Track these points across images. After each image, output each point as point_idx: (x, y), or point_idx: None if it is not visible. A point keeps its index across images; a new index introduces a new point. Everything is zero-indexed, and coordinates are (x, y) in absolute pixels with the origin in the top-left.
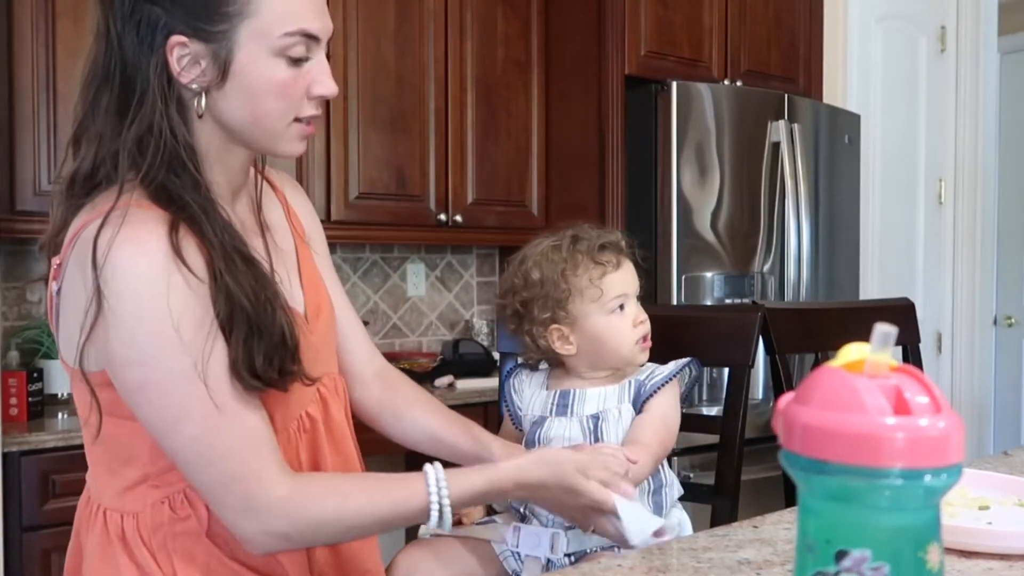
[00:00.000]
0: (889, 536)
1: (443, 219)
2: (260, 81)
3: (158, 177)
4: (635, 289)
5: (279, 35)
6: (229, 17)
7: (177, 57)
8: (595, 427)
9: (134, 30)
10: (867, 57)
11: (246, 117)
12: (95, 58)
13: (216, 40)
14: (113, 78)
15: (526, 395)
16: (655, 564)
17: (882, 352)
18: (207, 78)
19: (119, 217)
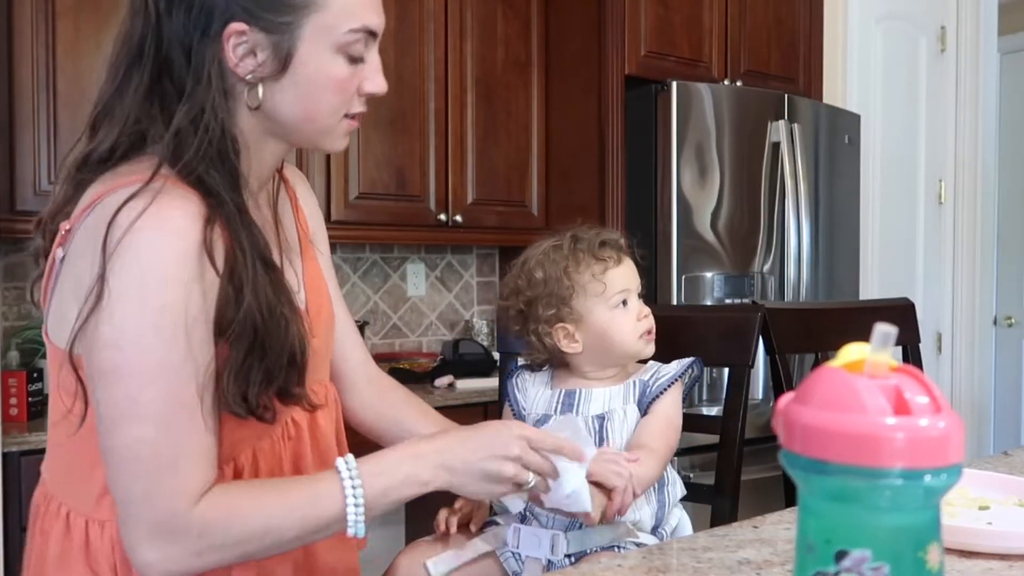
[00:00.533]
0: (889, 536)
1: (443, 219)
2: (319, 77)
3: (198, 169)
4: (637, 286)
5: (344, 31)
6: (295, 9)
7: (233, 45)
8: (600, 427)
9: (184, 12)
10: (867, 57)
11: (298, 112)
12: (128, 36)
13: (279, 31)
14: (148, 59)
15: (530, 393)
16: (655, 564)
17: (882, 352)
18: (264, 70)
19: (151, 193)
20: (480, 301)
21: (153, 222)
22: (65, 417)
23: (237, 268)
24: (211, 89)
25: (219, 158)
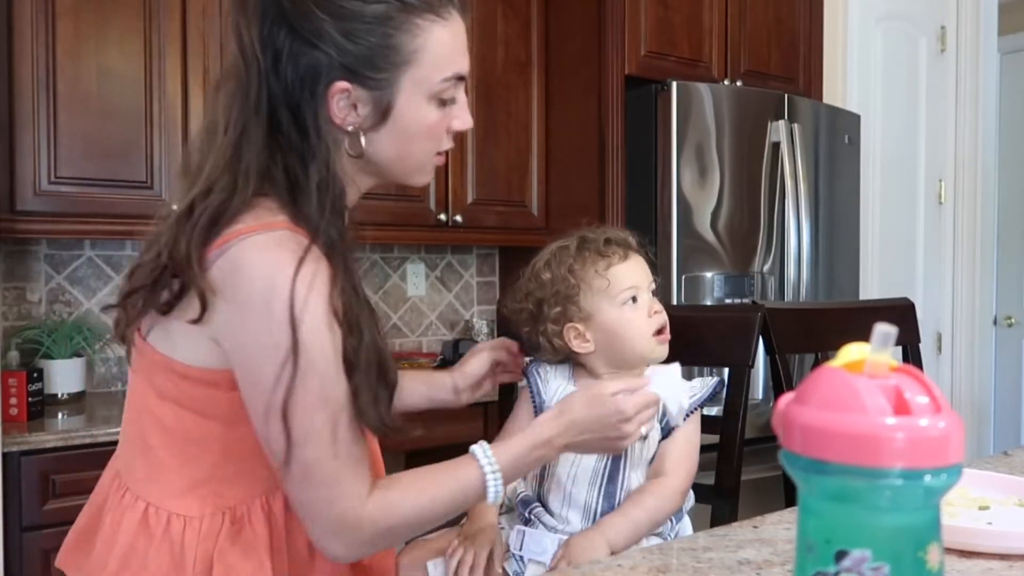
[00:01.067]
0: (889, 536)
1: (443, 219)
2: (414, 124)
3: (315, 217)
4: (648, 283)
5: (437, 81)
6: (394, 66)
7: (337, 101)
8: None
9: (291, 72)
10: (867, 57)
11: (393, 155)
12: (243, 90)
13: (379, 87)
14: (262, 114)
15: (551, 385)
16: (655, 564)
17: (882, 352)
18: (365, 122)
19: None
20: (480, 301)
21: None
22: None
23: (354, 308)
24: (320, 142)
25: (332, 206)
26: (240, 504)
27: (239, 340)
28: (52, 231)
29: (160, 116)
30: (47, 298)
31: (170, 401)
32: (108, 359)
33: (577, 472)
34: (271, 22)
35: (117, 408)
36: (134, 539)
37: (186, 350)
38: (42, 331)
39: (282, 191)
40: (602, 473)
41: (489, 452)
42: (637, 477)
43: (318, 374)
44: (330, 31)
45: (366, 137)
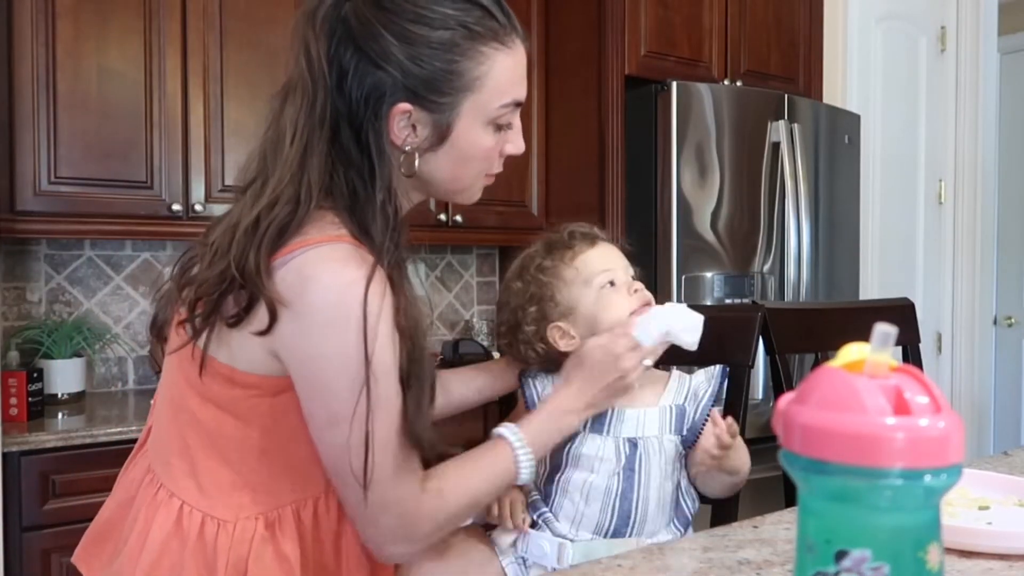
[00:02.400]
0: (889, 536)
1: (443, 219)
2: (470, 148)
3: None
4: (623, 266)
5: (496, 107)
6: (456, 91)
7: (398, 121)
8: (632, 452)
9: (355, 88)
10: (867, 57)
11: (446, 176)
12: (310, 104)
13: (440, 111)
14: (326, 129)
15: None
16: (655, 564)
17: (882, 352)
18: (423, 143)
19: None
20: (480, 301)
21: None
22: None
23: (413, 318)
24: (381, 160)
25: (392, 224)
26: (271, 511)
27: (306, 351)
28: (52, 231)
29: (160, 116)
30: (47, 298)
31: (211, 403)
32: (108, 359)
33: (590, 493)
34: (339, 41)
35: (117, 408)
36: (167, 539)
37: (239, 356)
38: (42, 331)
39: (344, 206)
40: (615, 492)
41: (518, 432)
42: (655, 490)
43: (386, 386)
44: (396, 54)
45: (421, 158)
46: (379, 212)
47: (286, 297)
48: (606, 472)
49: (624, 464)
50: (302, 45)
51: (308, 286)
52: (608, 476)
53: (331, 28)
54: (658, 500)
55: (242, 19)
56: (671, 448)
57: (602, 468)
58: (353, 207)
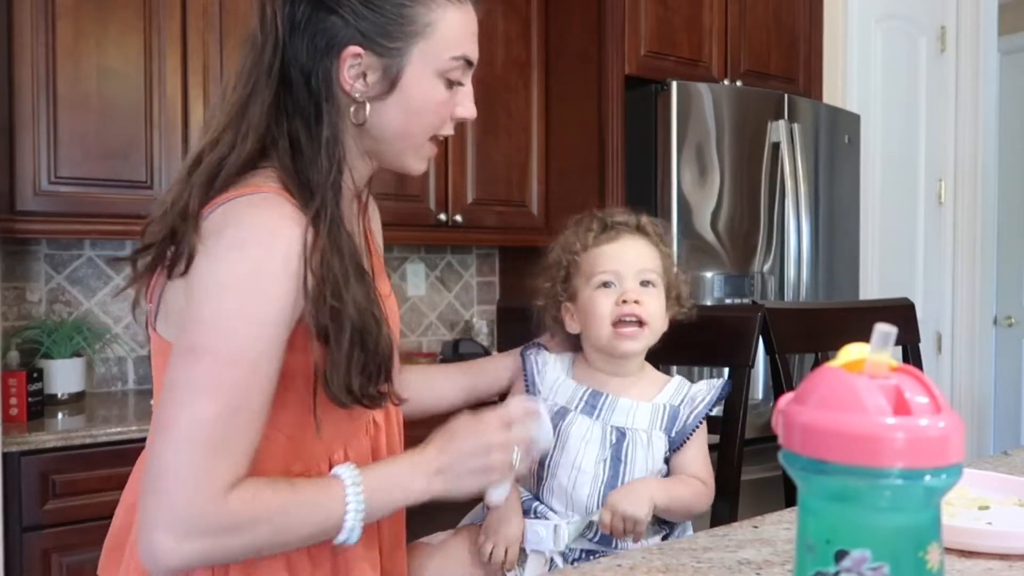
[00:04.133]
0: (889, 536)
1: (443, 219)
2: (420, 98)
3: (311, 178)
4: (634, 270)
5: (447, 58)
6: (407, 36)
7: (348, 67)
8: (619, 442)
9: (307, 36)
10: (867, 57)
11: (396, 129)
12: (259, 52)
13: (390, 55)
14: (274, 75)
15: (549, 377)
16: (655, 564)
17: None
18: (372, 90)
19: (266, 200)
20: (480, 301)
21: (265, 224)
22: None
23: (334, 271)
24: (329, 105)
25: (328, 171)
26: None
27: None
28: (52, 231)
29: (160, 116)
30: (47, 298)
31: None
32: (108, 359)
33: (577, 476)
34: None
35: (117, 408)
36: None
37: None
38: (42, 331)
39: (283, 155)
40: (602, 477)
41: (357, 478)
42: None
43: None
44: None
45: (372, 107)
46: (318, 156)
47: (202, 241)
48: (592, 457)
49: (611, 453)
50: (259, 3)
51: (219, 229)
52: (595, 463)
53: None
54: None
55: (242, 19)
56: (659, 445)
57: (588, 451)
58: (294, 155)
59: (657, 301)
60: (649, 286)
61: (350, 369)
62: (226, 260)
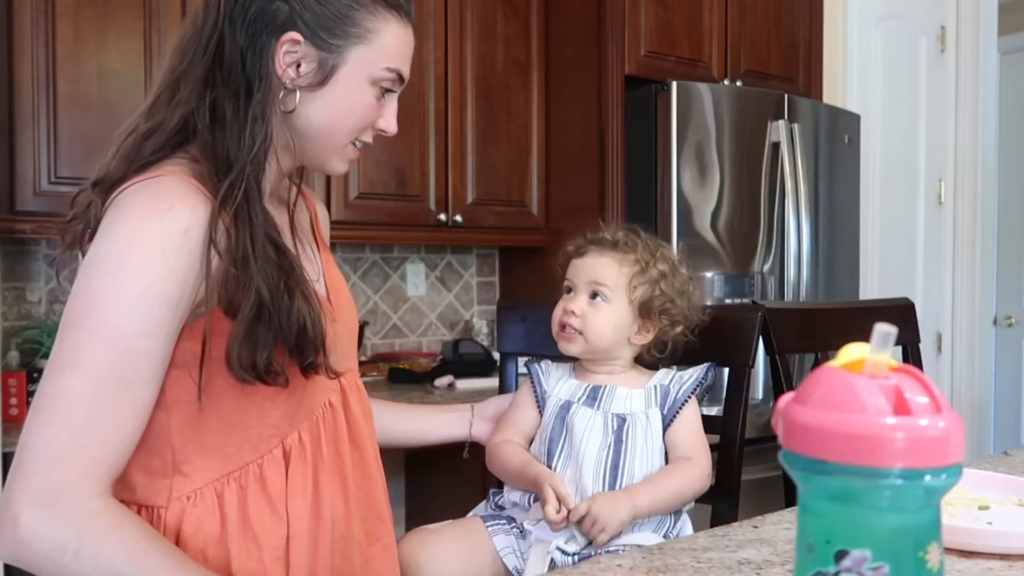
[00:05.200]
0: (889, 536)
1: (443, 219)
2: (349, 99)
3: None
4: (584, 282)
5: (382, 67)
6: (349, 36)
7: (284, 52)
8: (620, 427)
9: (250, 16)
10: (867, 57)
11: (322, 125)
12: (198, 28)
13: (328, 51)
14: (208, 53)
15: (553, 377)
16: (655, 564)
17: (882, 352)
18: (304, 79)
19: (161, 181)
20: (480, 301)
21: (153, 202)
22: None
23: (243, 247)
24: (258, 85)
25: (251, 146)
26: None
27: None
28: (52, 231)
29: None
30: (47, 298)
31: None
32: None
33: (582, 463)
34: None
35: None
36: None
37: None
38: (42, 331)
39: (204, 129)
40: (604, 462)
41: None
42: (642, 464)
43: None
44: None
45: (300, 97)
46: (247, 132)
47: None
48: (595, 444)
49: (613, 438)
50: None
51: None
52: (598, 448)
53: None
54: (645, 476)
55: None
56: (656, 421)
57: (591, 439)
58: (215, 129)
59: (602, 314)
60: (597, 298)
61: (251, 341)
62: (103, 239)
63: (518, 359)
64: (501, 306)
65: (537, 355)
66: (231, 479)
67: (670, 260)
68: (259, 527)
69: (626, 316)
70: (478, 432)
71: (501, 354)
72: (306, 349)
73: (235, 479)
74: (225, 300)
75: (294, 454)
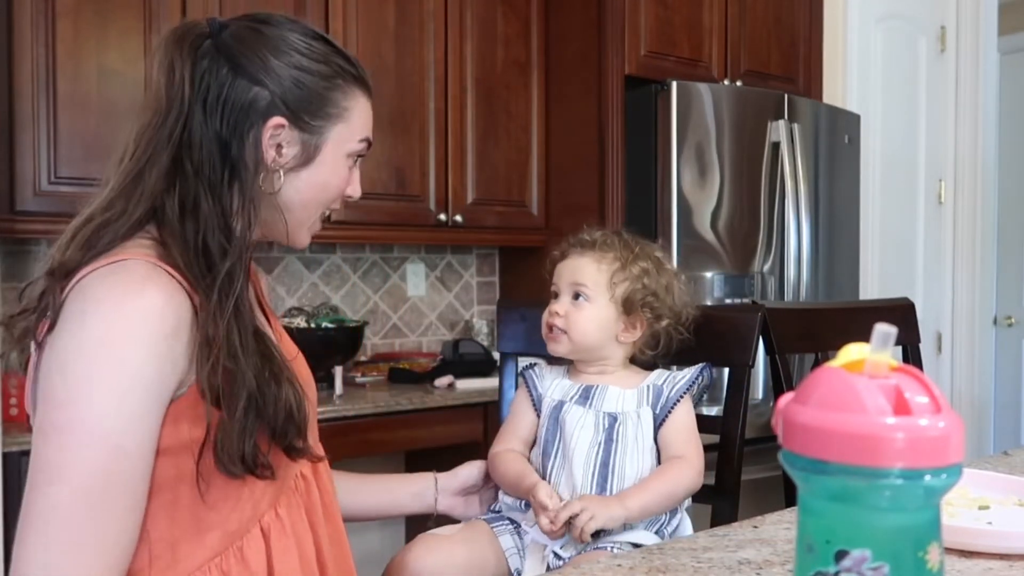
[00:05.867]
0: (889, 536)
1: (443, 219)
2: (332, 175)
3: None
4: (567, 283)
5: (357, 140)
6: (329, 117)
7: (269, 136)
8: (611, 426)
9: (226, 104)
10: (867, 57)
11: (303, 199)
12: (160, 118)
13: (311, 131)
14: (173, 141)
15: (547, 379)
16: (655, 564)
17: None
18: (287, 161)
19: (132, 268)
20: (480, 301)
21: (125, 286)
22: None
23: (232, 340)
24: (243, 172)
25: (243, 233)
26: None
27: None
28: (52, 231)
29: None
30: None
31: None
32: None
33: (572, 460)
34: (211, 61)
35: None
36: None
37: None
38: None
39: (173, 219)
40: (595, 459)
41: None
42: (632, 462)
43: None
44: (278, 72)
45: (284, 177)
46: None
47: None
48: (586, 442)
49: (604, 436)
50: (166, 65)
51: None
52: (589, 446)
53: (203, 50)
54: (634, 475)
55: None
56: (648, 421)
57: (582, 437)
58: (185, 219)
59: (584, 312)
60: (580, 299)
61: (243, 436)
62: (74, 330)
63: (518, 359)
64: (501, 306)
65: (536, 355)
66: (212, 566)
67: (652, 257)
68: None
69: (609, 313)
70: (445, 508)
71: (501, 354)
72: (290, 434)
73: (216, 566)
74: (213, 392)
75: (273, 531)
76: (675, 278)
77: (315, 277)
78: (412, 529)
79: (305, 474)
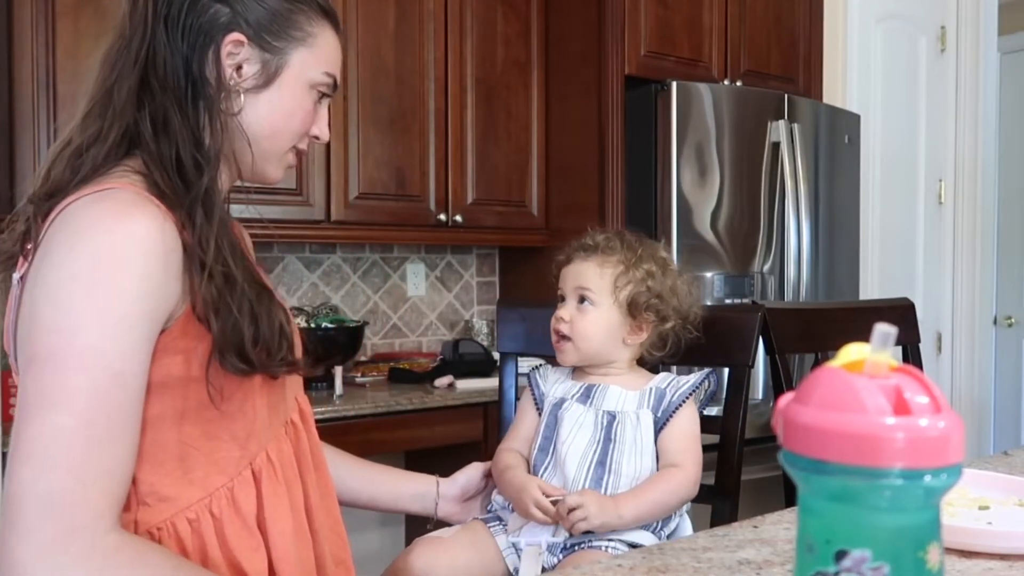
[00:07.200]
0: (889, 536)
1: (443, 219)
2: (291, 102)
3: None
4: (571, 288)
5: (321, 71)
6: (292, 39)
7: (227, 53)
8: (609, 425)
9: (187, 20)
10: (867, 57)
11: (264, 129)
12: (123, 39)
13: (272, 52)
14: (139, 63)
15: (551, 379)
16: (655, 564)
17: (882, 352)
18: (247, 81)
19: (119, 195)
20: (480, 301)
21: (114, 214)
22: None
23: (222, 254)
24: (204, 89)
25: (209, 150)
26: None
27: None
28: None
29: None
30: None
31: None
32: None
33: (567, 457)
34: None
35: None
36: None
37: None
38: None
39: (149, 140)
40: (591, 457)
41: None
42: (630, 462)
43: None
44: None
45: (245, 99)
46: (207, 134)
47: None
48: (583, 439)
49: (602, 435)
50: None
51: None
52: (586, 444)
53: None
54: (631, 475)
55: None
56: (647, 423)
57: (580, 434)
58: (159, 138)
59: (589, 316)
60: (585, 303)
61: (242, 334)
62: (63, 257)
63: (518, 359)
64: (501, 306)
65: (536, 355)
66: (202, 506)
67: (657, 258)
68: (240, 553)
69: (614, 317)
70: (445, 514)
71: (501, 354)
72: (284, 347)
73: (206, 506)
74: (212, 303)
75: (264, 475)
76: (679, 280)
77: (315, 277)
78: (412, 530)
79: (295, 421)
